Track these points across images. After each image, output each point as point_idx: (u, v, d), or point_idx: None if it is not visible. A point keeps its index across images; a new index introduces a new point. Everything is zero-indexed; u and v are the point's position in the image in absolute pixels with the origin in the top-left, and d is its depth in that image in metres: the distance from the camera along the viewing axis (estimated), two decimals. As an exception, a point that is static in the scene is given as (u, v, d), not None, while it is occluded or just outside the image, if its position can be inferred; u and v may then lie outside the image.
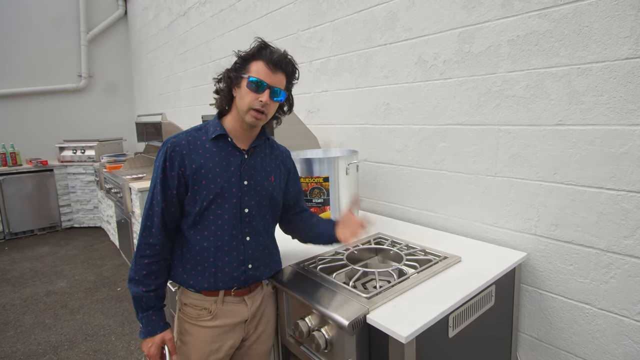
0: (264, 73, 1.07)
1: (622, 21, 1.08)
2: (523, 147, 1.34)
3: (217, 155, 1.11)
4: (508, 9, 1.32)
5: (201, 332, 1.14)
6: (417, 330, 0.92)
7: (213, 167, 1.10)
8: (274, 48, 1.11)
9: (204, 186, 1.08)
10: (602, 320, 1.21)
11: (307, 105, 2.33)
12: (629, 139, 1.10)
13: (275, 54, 1.09)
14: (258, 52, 1.09)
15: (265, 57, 1.08)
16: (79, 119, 5.50)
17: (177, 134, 1.13)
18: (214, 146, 1.12)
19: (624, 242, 1.14)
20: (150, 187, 1.11)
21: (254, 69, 1.08)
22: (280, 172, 1.25)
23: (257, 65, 1.08)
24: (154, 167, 1.12)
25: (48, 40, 5.15)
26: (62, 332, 2.58)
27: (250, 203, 1.14)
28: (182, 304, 1.16)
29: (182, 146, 1.09)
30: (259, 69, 1.07)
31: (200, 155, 1.10)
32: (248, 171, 1.14)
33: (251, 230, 1.15)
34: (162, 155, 1.09)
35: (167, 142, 1.11)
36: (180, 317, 1.18)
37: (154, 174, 1.11)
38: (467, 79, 1.48)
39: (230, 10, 3.02)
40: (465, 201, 1.56)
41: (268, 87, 1.07)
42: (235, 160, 1.13)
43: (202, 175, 1.08)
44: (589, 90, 1.16)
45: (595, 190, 1.19)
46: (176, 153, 1.08)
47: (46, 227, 4.84)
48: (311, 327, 1.11)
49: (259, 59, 1.08)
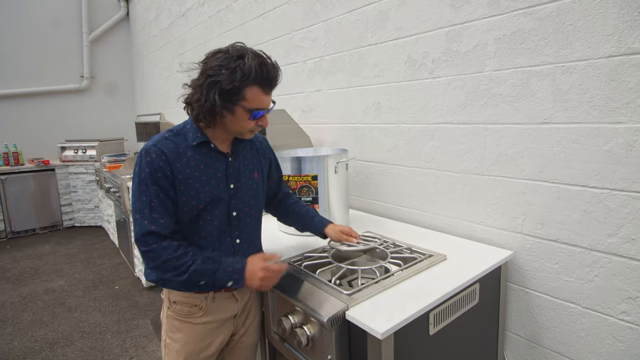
0: (263, 99, 1.01)
1: (605, 19, 1.08)
2: (509, 145, 1.34)
3: (202, 163, 1.06)
4: (494, 8, 1.33)
5: (192, 329, 1.14)
6: (395, 327, 0.92)
7: (200, 176, 1.05)
8: (269, 63, 1.00)
9: (193, 196, 1.04)
10: (587, 319, 1.21)
11: (301, 105, 2.34)
12: (612, 137, 1.10)
13: (272, 73, 0.99)
14: (255, 77, 0.96)
15: (262, 81, 0.98)
16: (81, 119, 5.55)
17: (155, 140, 1.04)
18: (197, 153, 1.06)
19: (607, 240, 1.14)
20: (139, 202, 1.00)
21: (249, 96, 0.98)
22: (261, 165, 1.24)
23: (253, 92, 0.98)
24: (139, 179, 1.01)
25: (50, 41, 5.21)
26: (59, 330, 2.60)
27: (238, 205, 1.13)
28: (171, 302, 1.15)
29: (167, 154, 1.02)
30: (256, 96, 0.99)
31: (185, 164, 1.04)
32: (234, 175, 1.12)
33: (240, 232, 1.15)
34: (148, 164, 1.00)
35: (149, 149, 1.01)
36: (170, 315, 1.16)
37: (140, 185, 1.01)
38: (455, 78, 1.48)
39: (227, 11, 3.04)
40: (454, 200, 1.56)
41: (267, 110, 1.04)
42: (220, 165, 1.10)
43: (190, 185, 1.04)
44: (573, 88, 1.16)
45: (579, 188, 1.18)
46: (164, 162, 1.00)
47: (47, 226, 4.88)
48: (294, 324, 1.11)
49: (254, 84, 0.98)
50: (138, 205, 1.01)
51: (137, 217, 1.01)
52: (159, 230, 1.00)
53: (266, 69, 0.98)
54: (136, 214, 1.01)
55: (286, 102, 2.46)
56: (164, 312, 1.19)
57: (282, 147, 1.93)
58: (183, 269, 0.99)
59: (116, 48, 5.78)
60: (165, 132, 1.09)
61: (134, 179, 1.03)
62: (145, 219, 1.00)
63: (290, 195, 1.39)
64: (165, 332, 1.18)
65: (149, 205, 1.00)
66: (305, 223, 1.34)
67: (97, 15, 5.52)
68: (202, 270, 1.00)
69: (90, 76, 5.50)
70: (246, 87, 0.97)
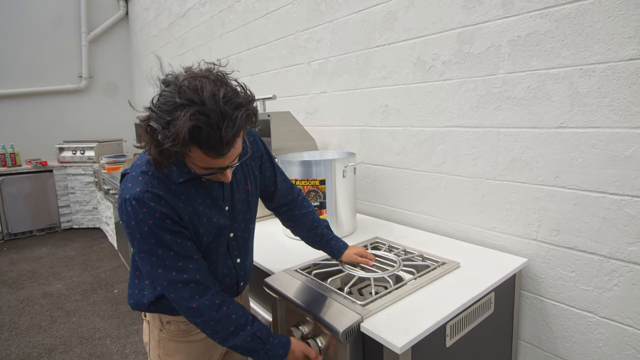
0: (209, 162, 0.80)
1: (626, 21, 1.04)
2: (524, 150, 1.31)
3: (199, 196, 0.94)
4: (509, 9, 1.29)
5: (191, 347, 1.08)
6: (413, 340, 0.88)
7: (204, 210, 0.94)
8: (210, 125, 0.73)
9: (202, 233, 0.95)
10: (605, 329, 1.18)
11: (306, 107, 2.31)
12: (633, 143, 1.06)
13: (215, 138, 0.74)
14: (190, 142, 0.74)
15: (203, 147, 0.76)
16: (79, 119, 5.49)
17: (139, 183, 0.86)
18: (190, 187, 0.93)
19: (627, 248, 1.10)
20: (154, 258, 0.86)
21: (194, 156, 0.79)
22: (252, 170, 1.10)
23: (196, 154, 0.78)
24: (142, 234, 0.85)
25: (49, 41, 5.15)
26: (57, 335, 2.55)
27: (234, 225, 1.05)
28: (164, 322, 1.06)
29: (164, 197, 0.87)
30: (203, 159, 0.79)
31: (185, 202, 0.91)
32: (228, 197, 1.02)
33: (239, 251, 1.09)
34: (147, 214, 0.83)
35: (140, 198, 0.84)
36: (164, 337, 1.07)
37: (145, 240, 0.85)
38: (466, 80, 1.45)
39: (229, 11, 3.00)
40: (465, 205, 1.53)
41: (223, 169, 0.85)
42: (217, 193, 0.99)
43: (196, 223, 0.93)
44: (592, 92, 1.13)
45: (598, 194, 1.15)
46: (167, 207, 0.87)
47: (45, 228, 4.82)
48: (304, 335, 1.07)
49: (194, 146, 0.76)
50: (154, 260, 0.86)
51: (159, 273, 0.87)
52: (193, 278, 0.89)
53: (204, 134, 0.73)
54: (157, 269, 0.87)
55: (290, 104, 2.42)
56: (154, 335, 1.08)
57: (287, 150, 1.90)
58: (223, 335, 0.92)
59: (115, 48, 5.72)
60: (144, 164, 0.89)
61: (131, 233, 0.86)
62: (172, 270, 0.87)
63: (300, 202, 1.25)
64: (158, 357, 1.08)
65: (170, 256, 0.87)
66: (319, 244, 1.25)
67: (96, 14, 5.47)
68: (245, 348, 0.93)
69: (88, 76, 5.45)
70: (186, 147, 0.75)
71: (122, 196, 0.87)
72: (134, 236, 0.86)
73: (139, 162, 0.91)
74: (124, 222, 0.87)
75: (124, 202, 0.85)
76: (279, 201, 1.23)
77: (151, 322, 1.09)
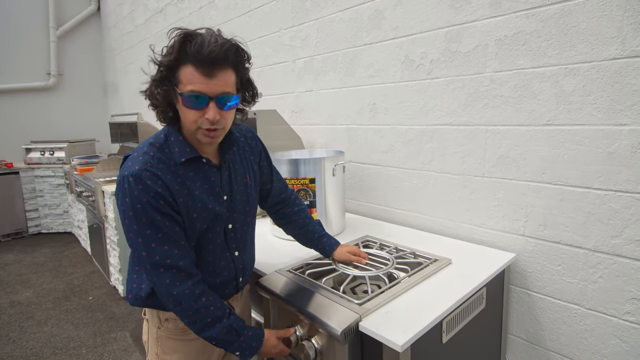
0: (199, 81, 0.82)
1: (609, 21, 1.08)
2: (511, 147, 1.34)
3: (198, 179, 0.94)
4: (495, 9, 1.32)
5: (190, 346, 1.05)
6: (412, 338, 0.88)
7: (200, 195, 0.94)
8: (200, 37, 0.82)
9: (196, 219, 0.93)
10: (591, 320, 1.21)
11: (291, 105, 2.28)
12: (616, 139, 1.10)
13: (205, 47, 0.80)
14: (180, 53, 0.81)
15: (193, 58, 0.81)
16: (48, 118, 5.22)
17: (140, 161, 0.88)
18: (189, 169, 0.93)
19: (611, 241, 1.14)
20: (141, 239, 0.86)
21: (184, 77, 0.83)
22: (251, 164, 1.10)
23: (187, 72, 0.82)
24: (135, 211, 0.85)
25: (14, 36, 4.87)
26: (28, 346, 2.40)
27: (233, 216, 1.03)
28: (162, 320, 1.03)
29: (162, 177, 0.88)
30: (191, 77, 0.82)
31: (182, 185, 0.91)
32: (226, 186, 1.01)
33: (238, 244, 1.07)
34: (142, 192, 0.85)
35: (139, 175, 0.85)
36: (162, 335, 1.04)
37: (137, 218, 0.86)
38: (454, 79, 1.47)
39: (210, 7, 2.93)
40: (453, 202, 1.54)
41: (211, 98, 0.84)
42: (216, 179, 0.98)
43: (191, 207, 0.92)
44: (577, 90, 1.16)
45: (583, 190, 1.19)
46: (162, 188, 0.87)
47: (11, 233, 4.55)
48: (300, 337, 1.05)
49: (185, 63, 0.82)
50: (140, 242, 0.87)
51: (144, 256, 0.87)
52: (176, 264, 0.88)
53: (195, 43, 0.81)
54: (142, 250, 0.87)
55: (275, 103, 2.39)
56: (152, 333, 1.06)
57: (273, 149, 1.86)
58: (200, 325, 0.91)
59: (86, 44, 5.48)
60: (146, 146, 0.92)
61: (124, 211, 0.87)
62: (156, 254, 0.87)
63: (293, 200, 1.27)
64: (156, 356, 1.06)
65: (157, 237, 0.87)
66: (311, 241, 1.25)
67: (65, 9, 5.22)
68: (220, 340, 0.93)
69: (57, 73, 5.19)
70: (179, 67, 0.83)
71: (121, 174, 0.89)
72: (126, 214, 0.87)
73: (141, 146, 0.93)
74: (119, 199, 0.88)
75: (122, 179, 0.87)
76: (273, 199, 1.24)
77: (150, 320, 1.06)
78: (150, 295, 0.99)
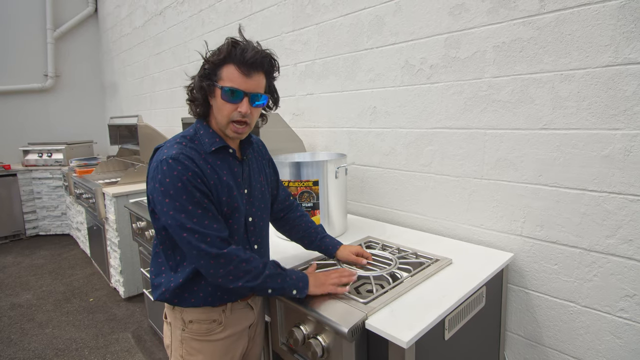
0: (238, 79, 0.96)
1: (603, 30, 1.13)
2: (509, 150, 1.38)
3: (225, 168, 1.04)
4: (493, 16, 1.36)
5: (214, 347, 1.09)
6: (417, 335, 0.91)
7: (227, 181, 1.03)
8: (244, 44, 0.98)
9: (224, 202, 1.02)
10: (586, 317, 1.26)
11: (292, 108, 2.31)
12: (609, 143, 1.15)
13: (248, 53, 0.96)
14: (227, 55, 0.96)
15: (237, 60, 0.96)
16: (46, 120, 5.21)
17: (175, 148, 0.98)
18: (217, 158, 1.03)
19: (606, 241, 1.19)
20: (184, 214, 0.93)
21: (225, 75, 0.97)
22: (263, 167, 1.21)
23: (229, 71, 0.97)
24: (176, 189, 0.93)
25: (12, 37, 4.86)
26: (30, 348, 2.41)
27: (252, 210, 1.12)
28: (187, 322, 1.08)
29: (195, 161, 0.97)
30: (232, 75, 0.96)
31: (212, 170, 1.01)
32: (247, 180, 1.11)
33: (257, 238, 1.13)
34: (182, 171, 0.93)
35: (177, 157, 0.95)
36: (186, 337, 1.08)
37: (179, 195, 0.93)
38: (453, 84, 1.51)
39: (210, 11, 2.96)
40: (453, 204, 1.58)
41: (245, 94, 0.98)
42: (238, 170, 1.09)
43: (219, 191, 1.01)
44: (572, 95, 1.21)
45: (578, 192, 1.23)
46: (197, 168, 0.96)
47: (9, 235, 4.54)
48: (306, 335, 1.08)
49: (229, 63, 0.97)
50: (183, 217, 0.93)
51: (190, 227, 0.93)
52: (218, 235, 0.95)
53: (240, 48, 0.96)
54: (187, 223, 0.94)
55: (275, 105, 2.42)
56: (176, 336, 1.10)
57: (275, 152, 1.89)
58: (256, 272, 0.98)
59: (83, 46, 5.47)
60: (177, 138, 1.03)
61: (164, 191, 0.94)
62: (201, 225, 0.94)
63: (296, 206, 1.34)
64: (181, 358, 1.09)
65: (198, 213, 0.94)
66: (314, 243, 1.29)
67: (63, 10, 5.21)
68: (274, 275, 1.00)
69: (55, 75, 5.18)
70: (223, 66, 0.97)
71: (157, 160, 0.97)
72: (167, 193, 0.93)
73: (172, 139, 1.03)
74: (158, 181, 0.94)
75: (160, 163, 0.95)
76: (278, 206, 1.31)
77: (172, 323, 1.10)
78: (179, 289, 1.04)
